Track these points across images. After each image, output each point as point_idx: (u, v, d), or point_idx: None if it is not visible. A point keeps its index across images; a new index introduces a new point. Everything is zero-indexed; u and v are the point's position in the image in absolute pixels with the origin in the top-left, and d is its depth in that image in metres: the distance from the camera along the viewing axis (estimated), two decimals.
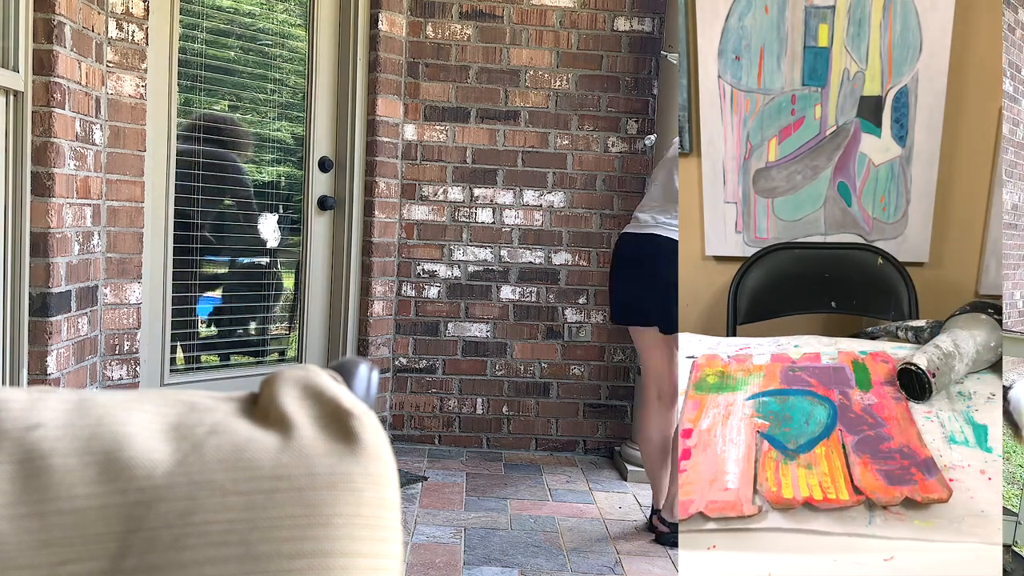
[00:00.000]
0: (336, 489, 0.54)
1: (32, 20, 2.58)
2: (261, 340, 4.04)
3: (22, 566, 0.48)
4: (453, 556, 2.79)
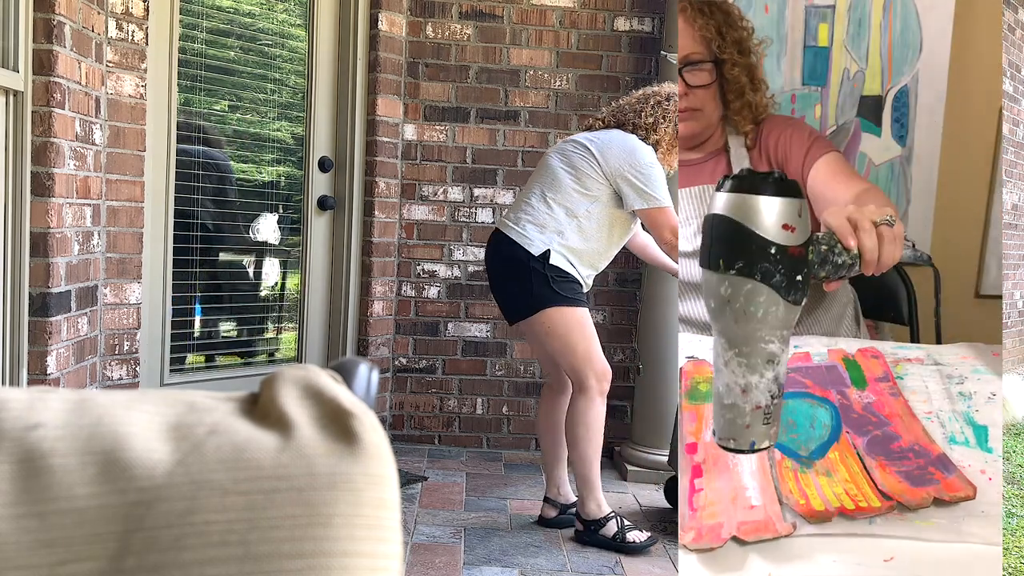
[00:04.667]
0: (336, 489, 0.54)
1: (32, 20, 2.58)
2: (261, 340, 4.04)
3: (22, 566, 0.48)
4: (453, 556, 2.79)
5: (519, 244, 2.87)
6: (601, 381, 2.93)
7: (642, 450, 3.79)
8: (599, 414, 2.96)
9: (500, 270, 2.96)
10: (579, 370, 2.91)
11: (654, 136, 2.93)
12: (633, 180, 2.85)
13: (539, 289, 2.85)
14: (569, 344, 2.89)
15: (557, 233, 2.87)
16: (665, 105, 2.96)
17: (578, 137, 2.99)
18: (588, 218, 2.89)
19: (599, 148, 2.89)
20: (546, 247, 2.85)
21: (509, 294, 2.95)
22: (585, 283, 2.97)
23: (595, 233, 2.91)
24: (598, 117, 3.08)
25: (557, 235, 2.87)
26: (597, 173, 2.88)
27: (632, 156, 2.87)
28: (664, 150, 2.96)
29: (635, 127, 2.94)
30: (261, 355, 4.00)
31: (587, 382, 2.91)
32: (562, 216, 2.88)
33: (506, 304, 2.99)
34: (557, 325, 2.88)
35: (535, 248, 2.85)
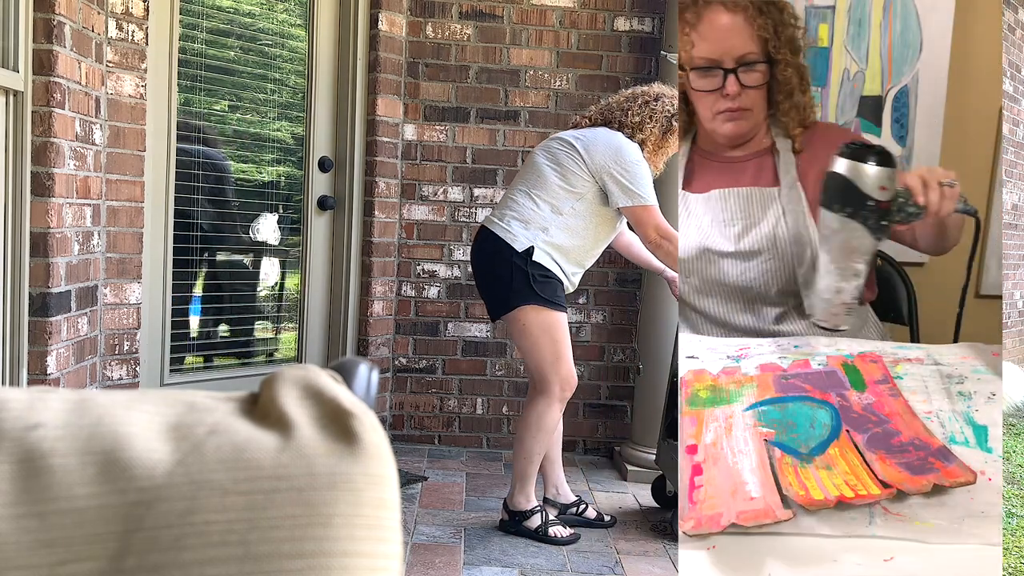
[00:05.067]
0: (336, 489, 0.54)
1: (32, 20, 2.58)
2: (261, 340, 4.04)
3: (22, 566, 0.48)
4: (453, 556, 2.79)
5: (503, 240, 2.88)
6: (564, 389, 2.94)
7: (642, 450, 3.79)
8: (554, 419, 2.98)
9: (484, 266, 2.97)
10: (545, 373, 2.91)
11: (640, 135, 2.93)
12: (618, 177, 2.85)
13: (519, 285, 2.86)
14: (540, 345, 2.90)
15: (542, 230, 2.87)
16: (653, 105, 2.96)
17: (564, 135, 2.99)
18: (573, 215, 2.89)
19: (585, 145, 2.89)
20: (530, 243, 2.86)
21: (491, 289, 2.97)
22: (570, 282, 2.97)
23: (581, 230, 2.91)
24: (585, 115, 3.08)
25: (542, 232, 2.87)
26: (583, 170, 2.88)
27: (618, 153, 2.87)
28: (650, 150, 2.96)
29: (621, 125, 2.94)
30: (261, 355, 4.00)
31: (551, 386, 2.92)
32: (547, 213, 2.88)
33: (488, 299, 3.02)
34: (532, 324, 2.89)
35: (519, 244, 2.86)
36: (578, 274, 3.01)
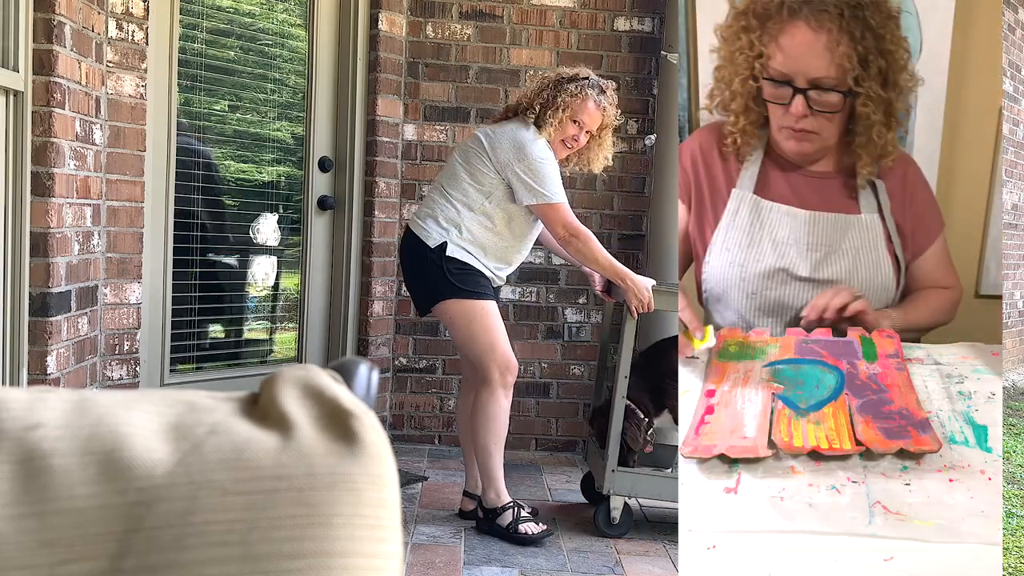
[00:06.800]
0: (336, 489, 0.54)
1: (32, 20, 2.58)
2: (261, 340, 4.04)
3: (22, 566, 0.48)
4: (453, 556, 2.79)
5: (419, 238, 2.91)
6: (504, 374, 2.93)
7: None
8: (502, 407, 2.97)
9: (406, 264, 3.01)
10: (482, 361, 2.92)
11: (540, 121, 2.90)
12: (521, 175, 2.84)
13: (437, 281, 2.88)
14: (470, 335, 2.90)
15: (455, 226, 2.88)
16: (550, 90, 2.91)
17: (479, 130, 3.00)
18: (485, 212, 2.90)
19: (490, 142, 2.89)
20: (443, 239, 2.87)
21: (414, 286, 3.02)
22: (495, 276, 2.97)
23: (496, 227, 2.92)
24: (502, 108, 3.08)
25: (455, 228, 2.88)
26: (488, 167, 2.88)
27: (521, 150, 2.85)
28: (550, 137, 2.91)
29: (525, 113, 2.93)
30: (261, 355, 4.00)
31: (490, 374, 2.92)
32: (461, 209, 2.89)
33: (413, 295, 3.06)
34: (456, 316, 2.90)
35: (432, 240, 2.88)
36: (504, 270, 3.00)
